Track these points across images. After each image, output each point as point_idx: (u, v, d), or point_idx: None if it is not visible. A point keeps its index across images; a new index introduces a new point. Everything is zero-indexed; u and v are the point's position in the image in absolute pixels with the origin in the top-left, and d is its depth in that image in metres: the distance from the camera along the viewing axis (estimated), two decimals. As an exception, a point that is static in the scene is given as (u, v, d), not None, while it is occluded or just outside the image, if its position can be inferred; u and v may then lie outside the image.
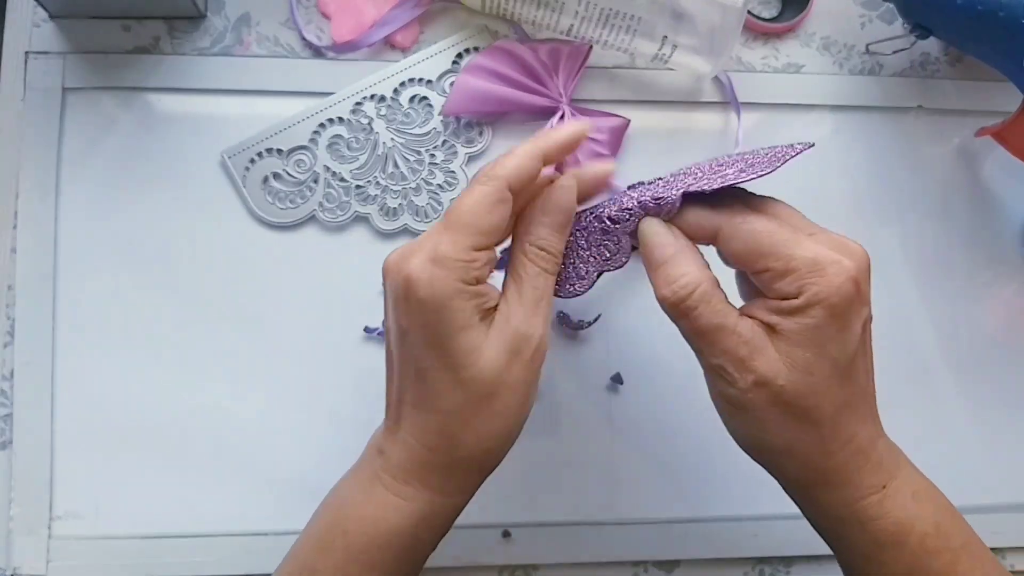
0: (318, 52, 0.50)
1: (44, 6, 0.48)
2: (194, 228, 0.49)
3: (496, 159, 0.35)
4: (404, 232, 0.49)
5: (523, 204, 0.36)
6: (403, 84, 0.50)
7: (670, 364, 0.36)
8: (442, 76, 0.50)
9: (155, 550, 0.47)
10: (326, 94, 0.49)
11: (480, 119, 0.50)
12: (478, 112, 0.49)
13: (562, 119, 0.49)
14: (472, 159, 0.50)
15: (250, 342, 0.48)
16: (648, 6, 0.46)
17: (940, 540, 0.34)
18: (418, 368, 0.33)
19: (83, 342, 0.48)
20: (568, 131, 0.35)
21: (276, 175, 0.49)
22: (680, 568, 0.49)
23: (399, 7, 0.50)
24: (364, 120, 0.49)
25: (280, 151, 0.49)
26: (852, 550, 0.36)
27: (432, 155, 0.49)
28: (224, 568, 0.47)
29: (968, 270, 0.52)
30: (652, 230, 0.35)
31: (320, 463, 0.47)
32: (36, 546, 0.46)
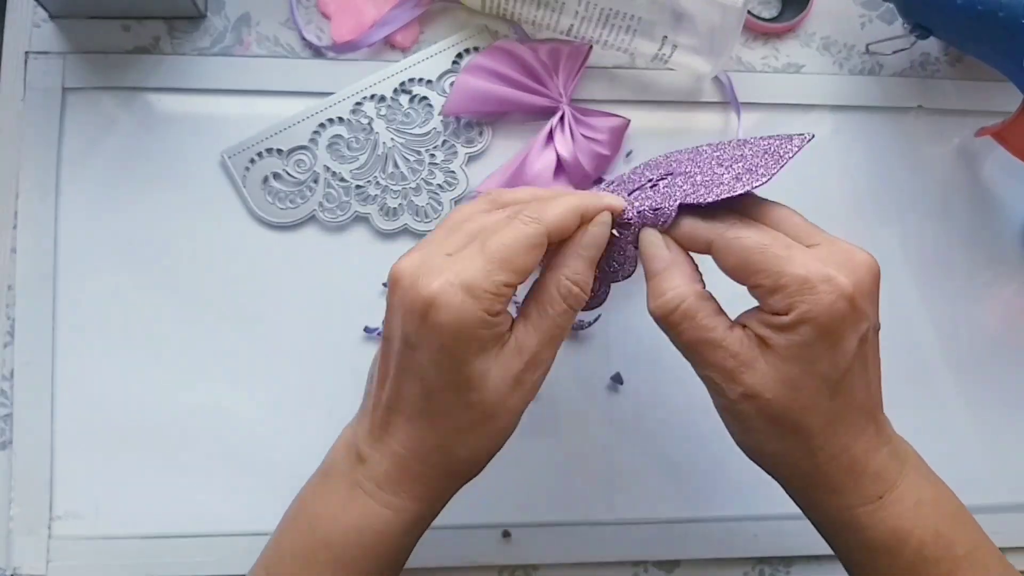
0: (318, 52, 0.50)
1: (44, 6, 0.48)
2: (194, 228, 0.49)
3: (539, 199, 0.35)
4: (404, 232, 0.49)
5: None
6: (403, 84, 0.50)
7: (670, 364, 0.36)
8: (442, 76, 0.50)
9: (155, 550, 0.47)
10: (326, 94, 0.49)
11: (480, 119, 0.50)
12: (478, 112, 0.49)
13: (562, 120, 0.49)
14: (472, 159, 0.50)
15: (250, 342, 0.48)
16: (648, 6, 0.46)
17: (940, 549, 0.34)
18: (425, 386, 0.33)
19: (83, 342, 0.48)
20: (610, 201, 0.36)
21: (276, 175, 0.49)
22: (680, 568, 0.49)
23: (399, 7, 0.50)
24: (364, 120, 0.49)
25: (280, 151, 0.49)
26: (848, 553, 0.36)
27: (432, 155, 0.49)
28: (224, 568, 0.47)
29: (968, 270, 0.52)
30: (647, 241, 0.36)
31: (320, 463, 0.47)
32: (36, 546, 0.46)
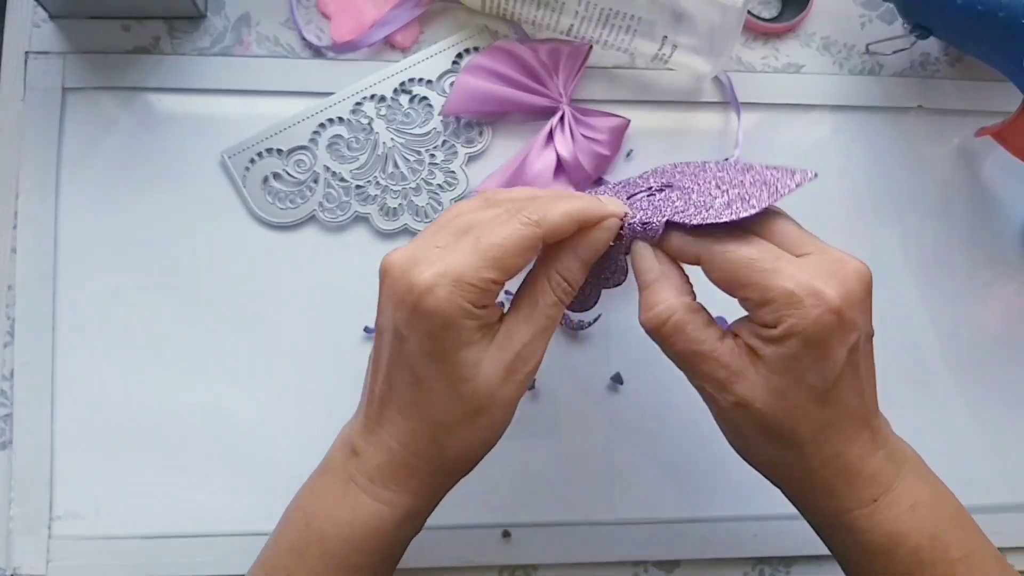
0: (318, 52, 0.50)
1: (44, 6, 0.48)
2: (194, 228, 0.49)
3: (541, 197, 0.35)
4: (404, 232, 0.49)
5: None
6: (403, 84, 0.50)
7: (670, 364, 0.36)
8: (442, 76, 0.50)
9: (155, 550, 0.47)
10: (326, 94, 0.49)
11: (480, 119, 0.50)
12: (478, 112, 0.49)
13: (562, 120, 0.49)
14: (472, 159, 0.50)
15: (250, 342, 0.48)
16: (648, 6, 0.46)
17: (935, 552, 0.34)
18: (415, 376, 0.33)
19: (83, 342, 0.48)
20: (612, 208, 0.36)
21: (276, 175, 0.49)
22: (680, 568, 0.49)
23: (399, 7, 0.50)
24: (364, 120, 0.49)
25: (280, 151, 0.49)
26: (845, 555, 0.36)
27: (432, 155, 0.49)
28: (224, 568, 0.47)
29: (968, 270, 0.52)
30: (639, 254, 0.36)
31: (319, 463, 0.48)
32: (36, 546, 0.46)
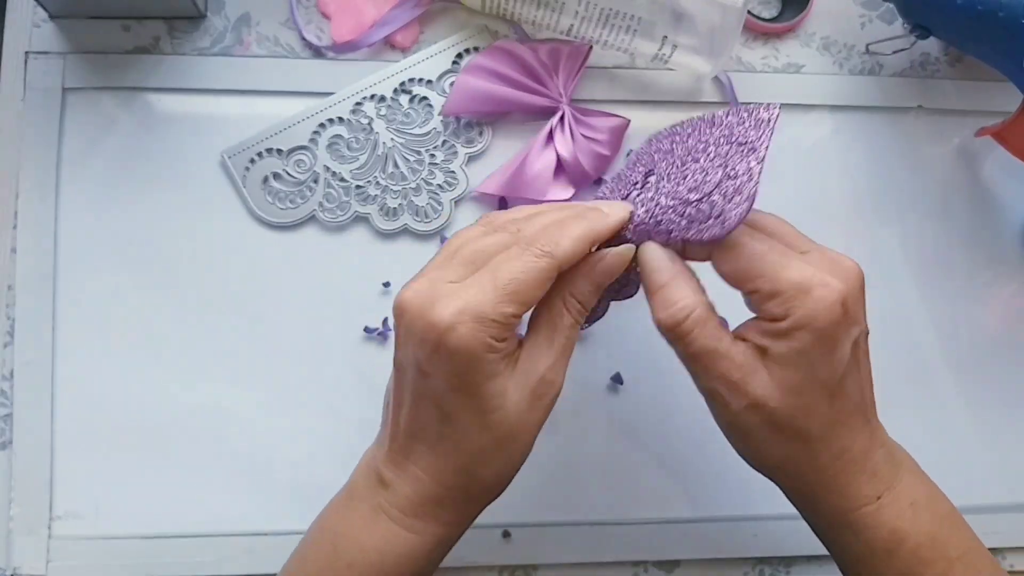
0: (318, 52, 0.50)
1: (44, 6, 0.48)
2: (194, 228, 0.49)
3: (548, 222, 0.35)
4: (404, 232, 0.49)
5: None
6: (403, 84, 0.50)
7: (670, 364, 0.36)
8: (442, 76, 0.50)
9: (155, 550, 0.47)
10: (326, 94, 0.49)
11: (480, 119, 0.50)
12: (478, 112, 0.49)
13: (562, 120, 0.49)
14: (472, 159, 0.50)
15: (250, 342, 0.48)
16: (648, 6, 0.46)
17: (934, 550, 0.35)
18: (443, 411, 0.34)
19: (83, 342, 0.48)
20: (619, 216, 0.36)
21: (276, 175, 0.49)
22: (680, 568, 0.49)
23: (399, 7, 0.50)
24: (364, 120, 0.49)
25: (280, 151, 0.49)
26: (846, 555, 0.37)
27: (432, 155, 0.49)
28: (224, 568, 0.47)
29: (968, 270, 0.52)
30: (650, 255, 0.36)
31: (320, 463, 0.47)
32: (36, 546, 0.46)
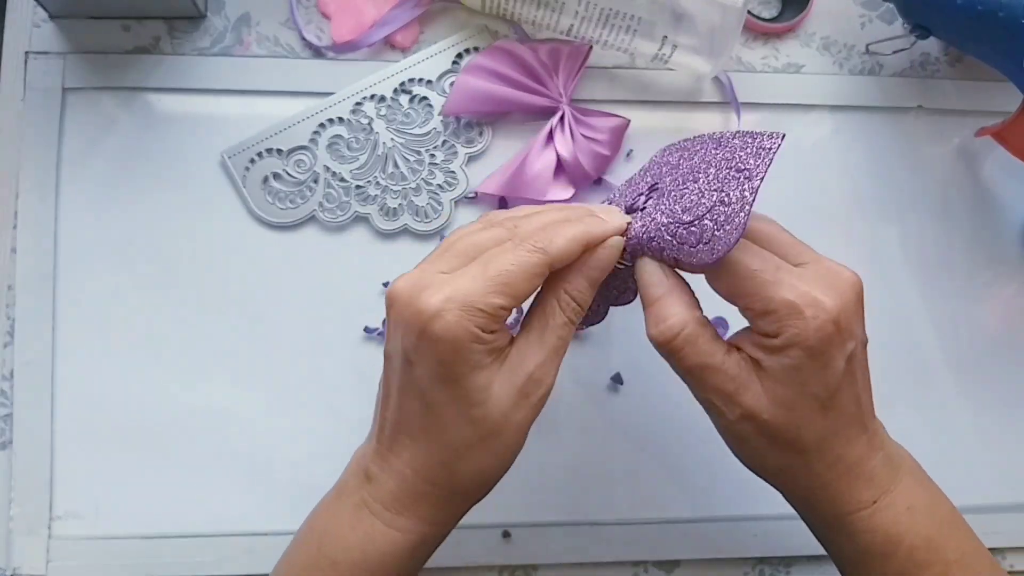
0: (318, 52, 0.50)
1: (44, 6, 0.48)
2: (194, 228, 0.49)
3: (545, 221, 0.35)
4: (404, 232, 0.49)
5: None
6: (403, 84, 0.50)
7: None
8: (442, 76, 0.50)
9: (155, 550, 0.47)
10: (326, 94, 0.49)
11: (480, 119, 0.50)
12: (478, 112, 0.49)
13: (562, 120, 0.49)
14: (472, 159, 0.50)
15: (250, 342, 0.48)
16: (648, 6, 0.46)
17: (931, 553, 0.35)
18: (426, 401, 0.33)
19: (83, 342, 0.48)
20: (615, 224, 0.36)
21: (276, 175, 0.49)
22: (680, 568, 0.49)
23: (399, 7, 0.50)
24: (364, 120, 0.49)
25: (280, 151, 0.49)
26: (843, 557, 0.37)
27: (432, 155, 0.49)
28: (224, 568, 0.47)
29: (968, 270, 0.52)
30: (645, 270, 0.36)
31: (320, 463, 0.47)
32: (36, 546, 0.46)
